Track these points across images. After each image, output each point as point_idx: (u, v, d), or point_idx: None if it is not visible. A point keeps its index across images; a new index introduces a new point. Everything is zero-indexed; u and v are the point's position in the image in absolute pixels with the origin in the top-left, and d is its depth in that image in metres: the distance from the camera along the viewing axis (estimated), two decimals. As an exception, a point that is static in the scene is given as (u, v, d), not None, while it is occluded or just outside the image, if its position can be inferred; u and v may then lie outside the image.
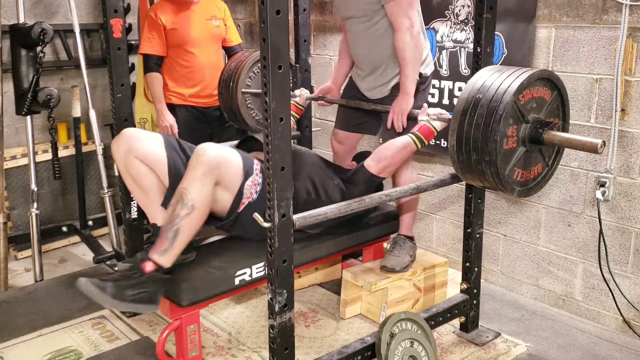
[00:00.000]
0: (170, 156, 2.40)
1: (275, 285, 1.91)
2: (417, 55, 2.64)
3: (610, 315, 2.81)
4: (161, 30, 3.31)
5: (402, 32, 2.60)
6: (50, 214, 3.88)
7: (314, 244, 2.69)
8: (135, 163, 2.38)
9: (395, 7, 2.60)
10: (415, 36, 2.61)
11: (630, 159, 2.64)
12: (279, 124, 1.76)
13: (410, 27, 2.60)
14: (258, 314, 2.89)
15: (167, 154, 2.40)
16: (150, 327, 2.82)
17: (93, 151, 3.77)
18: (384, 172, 2.60)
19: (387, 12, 2.63)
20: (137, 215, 2.87)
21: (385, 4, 2.61)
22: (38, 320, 2.87)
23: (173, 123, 3.38)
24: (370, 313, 2.88)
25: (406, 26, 2.59)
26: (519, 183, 2.13)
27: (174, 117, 3.40)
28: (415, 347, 2.31)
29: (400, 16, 2.60)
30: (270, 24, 1.68)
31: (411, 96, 2.65)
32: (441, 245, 3.51)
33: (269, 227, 1.85)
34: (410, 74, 2.63)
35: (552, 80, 2.11)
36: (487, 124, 1.97)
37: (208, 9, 3.44)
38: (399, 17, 2.60)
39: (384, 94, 2.80)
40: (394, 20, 2.62)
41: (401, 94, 2.66)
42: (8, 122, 3.63)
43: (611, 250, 2.76)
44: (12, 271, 3.49)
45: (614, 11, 2.57)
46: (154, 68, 3.37)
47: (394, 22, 2.62)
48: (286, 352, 2.00)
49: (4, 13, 3.51)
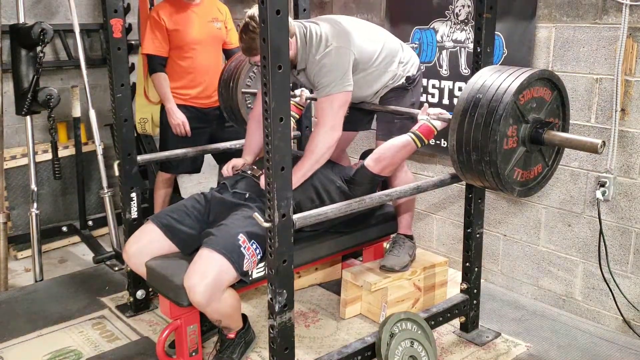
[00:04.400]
0: (176, 241, 2.49)
1: (275, 285, 1.90)
2: (325, 155, 2.50)
3: (610, 315, 2.81)
4: (164, 30, 3.31)
5: (323, 128, 2.48)
6: (50, 214, 3.88)
7: (314, 244, 2.69)
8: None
9: (325, 103, 2.49)
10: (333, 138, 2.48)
11: (630, 159, 2.64)
12: (279, 124, 1.76)
13: (331, 129, 2.48)
14: (258, 314, 2.89)
15: (174, 242, 2.49)
16: (150, 327, 2.82)
17: (93, 151, 3.78)
18: (385, 171, 2.60)
19: (317, 104, 2.55)
20: (137, 215, 2.87)
21: (319, 97, 2.51)
22: (38, 320, 2.87)
23: (184, 120, 3.39)
24: (370, 313, 2.87)
25: (329, 126, 2.47)
26: (519, 183, 2.13)
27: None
28: (415, 347, 2.31)
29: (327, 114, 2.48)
30: (270, 24, 1.68)
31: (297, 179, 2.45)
32: (441, 245, 3.51)
33: (269, 227, 1.85)
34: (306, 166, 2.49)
35: (552, 80, 2.11)
36: (487, 124, 1.97)
37: (210, 11, 3.45)
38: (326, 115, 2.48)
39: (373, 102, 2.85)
40: (320, 115, 2.51)
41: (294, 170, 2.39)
42: (8, 122, 3.63)
43: (611, 250, 2.76)
44: (12, 271, 3.49)
45: (614, 11, 2.57)
46: (159, 68, 3.38)
47: (320, 116, 2.51)
48: (286, 352, 1.99)
49: (4, 13, 3.51)
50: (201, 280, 2.21)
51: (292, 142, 3.34)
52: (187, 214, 2.53)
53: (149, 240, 2.48)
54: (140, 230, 2.57)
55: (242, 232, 2.32)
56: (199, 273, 2.23)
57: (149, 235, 2.49)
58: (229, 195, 2.57)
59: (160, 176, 3.60)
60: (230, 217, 2.43)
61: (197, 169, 3.68)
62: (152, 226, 2.50)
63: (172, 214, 2.53)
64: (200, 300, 2.21)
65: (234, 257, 2.27)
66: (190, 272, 2.24)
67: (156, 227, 2.49)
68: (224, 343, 2.47)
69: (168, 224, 2.49)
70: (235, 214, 2.44)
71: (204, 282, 2.20)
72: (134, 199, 2.84)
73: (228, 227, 2.36)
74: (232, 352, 2.46)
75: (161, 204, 3.60)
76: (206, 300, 2.21)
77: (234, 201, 2.53)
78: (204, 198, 2.60)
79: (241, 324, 2.49)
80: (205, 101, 3.50)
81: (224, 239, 2.30)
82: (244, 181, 2.63)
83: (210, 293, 2.21)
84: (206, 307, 2.25)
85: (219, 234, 2.34)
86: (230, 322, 2.42)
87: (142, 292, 2.92)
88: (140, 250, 2.47)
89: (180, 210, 2.55)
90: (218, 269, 2.24)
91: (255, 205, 2.47)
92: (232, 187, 2.61)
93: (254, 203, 2.48)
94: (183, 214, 2.53)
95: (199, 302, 2.22)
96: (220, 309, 2.30)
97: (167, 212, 2.57)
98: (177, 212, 2.54)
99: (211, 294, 2.22)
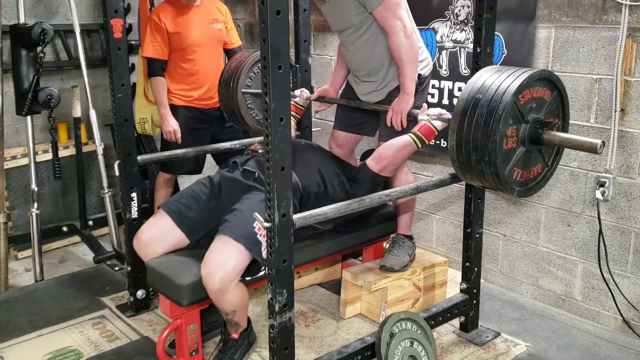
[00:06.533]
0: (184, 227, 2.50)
1: (275, 285, 1.91)
2: (414, 55, 2.63)
3: (610, 315, 2.82)
4: (164, 34, 3.31)
5: (395, 35, 2.59)
6: (50, 214, 3.88)
7: (314, 244, 2.70)
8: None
9: (384, 12, 2.58)
10: (409, 35, 2.60)
11: (630, 159, 2.64)
12: (279, 124, 1.76)
13: (402, 27, 2.58)
14: (258, 314, 2.89)
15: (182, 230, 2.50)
16: (150, 326, 2.82)
17: (93, 151, 3.78)
18: (385, 172, 2.61)
19: (377, 18, 2.62)
20: (138, 215, 2.87)
21: (373, 10, 2.59)
22: (38, 320, 2.88)
23: (177, 128, 3.39)
24: (370, 313, 2.88)
25: (398, 27, 2.58)
26: (518, 183, 2.13)
27: (175, 117, 3.40)
28: (415, 347, 2.31)
29: (391, 19, 2.58)
30: (271, 24, 1.68)
31: (411, 96, 2.65)
32: (441, 245, 3.51)
33: (269, 227, 1.86)
34: (408, 74, 2.62)
35: (551, 81, 2.11)
36: (487, 124, 1.97)
37: (210, 12, 3.45)
38: (389, 20, 2.58)
39: (380, 97, 2.81)
40: (386, 25, 2.60)
41: (401, 94, 2.66)
42: (8, 122, 3.63)
43: (611, 250, 2.76)
44: (12, 271, 3.49)
45: (614, 11, 2.58)
46: (159, 72, 3.38)
47: (386, 26, 2.60)
48: (286, 351, 2.00)
49: (4, 13, 3.51)
50: (219, 269, 2.20)
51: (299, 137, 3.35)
52: (194, 198, 2.55)
53: (161, 227, 2.50)
54: (152, 218, 2.59)
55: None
56: (217, 262, 2.22)
57: (160, 222, 2.51)
58: (238, 174, 2.59)
59: (161, 177, 3.60)
60: (243, 201, 2.43)
61: (198, 170, 3.67)
62: (162, 214, 2.52)
63: (180, 200, 2.56)
64: (218, 288, 2.20)
65: (250, 244, 2.26)
66: (207, 261, 2.23)
67: (166, 214, 2.50)
68: (227, 343, 2.47)
69: (177, 211, 2.51)
70: (247, 198, 2.44)
71: (222, 270, 2.20)
72: (134, 199, 2.85)
73: (243, 214, 2.34)
74: (234, 353, 2.46)
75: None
76: (223, 289, 2.21)
77: (245, 182, 2.54)
78: (210, 181, 2.61)
79: (246, 323, 2.50)
80: (207, 102, 3.50)
81: (240, 226, 2.29)
82: (254, 160, 2.64)
83: (228, 281, 2.21)
84: (222, 296, 2.23)
85: (234, 220, 2.32)
86: (241, 316, 2.41)
87: (142, 292, 2.92)
88: (153, 239, 2.48)
89: (189, 195, 2.57)
90: (236, 257, 2.23)
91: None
92: (242, 165, 2.62)
93: (263, 185, 2.49)
94: (191, 199, 2.55)
95: (217, 290, 2.20)
96: (235, 299, 2.29)
97: (176, 198, 2.61)
98: (185, 198, 2.56)
99: (229, 282, 2.21)
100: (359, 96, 2.90)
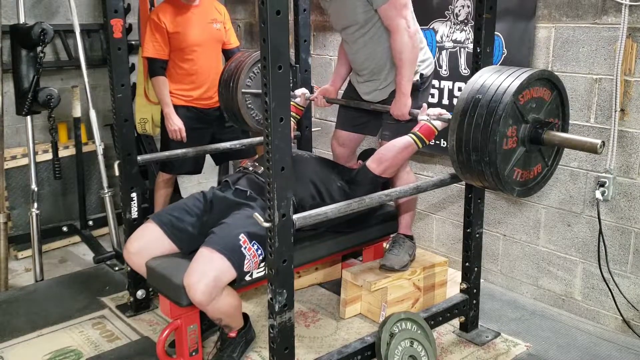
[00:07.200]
0: (176, 240, 2.49)
1: (275, 285, 1.91)
2: (414, 56, 2.63)
3: (609, 315, 2.82)
4: (164, 33, 3.31)
5: (399, 33, 2.58)
6: (50, 214, 3.88)
7: (314, 244, 2.70)
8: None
9: (390, 9, 2.58)
10: (412, 36, 2.60)
11: (630, 159, 2.64)
12: (279, 124, 1.76)
13: (406, 27, 2.58)
14: (258, 314, 2.89)
15: (173, 241, 2.50)
16: (150, 327, 2.82)
17: (93, 151, 3.78)
18: (386, 173, 2.61)
19: (382, 16, 2.62)
20: (137, 215, 2.87)
21: (378, 7, 2.60)
22: (38, 320, 2.88)
23: (181, 126, 3.39)
24: (370, 313, 2.88)
25: (402, 26, 2.58)
26: (518, 183, 2.13)
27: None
28: (415, 347, 2.32)
29: (396, 17, 2.58)
30: (271, 24, 1.68)
31: (408, 96, 2.64)
32: (441, 245, 3.51)
33: (269, 227, 1.86)
34: (406, 74, 2.62)
35: (551, 81, 2.11)
36: (487, 124, 1.97)
37: (209, 12, 3.45)
38: (394, 19, 2.58)
39: (383, 97, 2.81)
40: (390, 23, 2.60)
41: (398, 95, 2.66)
42: (8, 122, 3.62)
43: (611, 250, 2.76)
44: (12, 271, 3.49)
45: (614, 11, 2.58)
46: (160, 72, 3.38)
47: (390, 25, 2.60)
48: (286, 351, 2.00)
49: (4, 13, 3.51)
50: (201, 279, 2.21)
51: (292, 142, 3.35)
52: (187, 212, 2.54)
53: (149, 239, 2.49)
54: (140, 228, 2.57)
55: (243, 232, 2.33)
56: (199, 272, 2.23)
57: (150, 234, 2.50)
58: (230, 193, 2.58)
59: (161, 176, 3.60)
60: (232, 216, 2.44)
61: (198, 170, 3.68)
62: (152, 225, 2.50)
63: (172, 213, 2.53)
64: (200, 299, 2.21)
65: (234, 257, 2.27)
66: (190, 271, 2.25)
67: (157, 226, 2.49)
68: (224, 342, 2.48)
69: (168, 223, 2.50)
70: (236, 213, 2.45)
71: (203, 281, 2.21)
72: (134, 199, 2.85)
73: (229, 227, 2.36)
74: (233, 351, 2.46)
75: (161, 204, 3.60)
76: (206, 299, 2.21)
77: (236, 200, 2.53)
78: (204, 197, 2.61)
79: (242, 323, 2.50)
80: (206, 102, 3.50)
81: (225, 238, 2.31)
82: (246, 178, 2.64)
83: (210, 292, 2.21)
84: (206, 305, 2.25)
85: (220, 233, 2.34)
86: (231, 321, 2.42)
87: (142, 292, 2.92)
88: (141, 249, 2.48)
89: (181, 208, 2.55)
90: (218, 268, 2.25)
91: (256, 203, 2.47)
92: (234, 184, 2.61)
93: (255, 202, 2.49)
94: (183, 212, 2.53)
95: (199, 301, 2.22)
96: (221, 307, 2.30)
97: (167, 210, 2.58)
98: (177, 211, 2.54)
99: (211, 293, 2.22)
100: (361, 96, 2.90)
